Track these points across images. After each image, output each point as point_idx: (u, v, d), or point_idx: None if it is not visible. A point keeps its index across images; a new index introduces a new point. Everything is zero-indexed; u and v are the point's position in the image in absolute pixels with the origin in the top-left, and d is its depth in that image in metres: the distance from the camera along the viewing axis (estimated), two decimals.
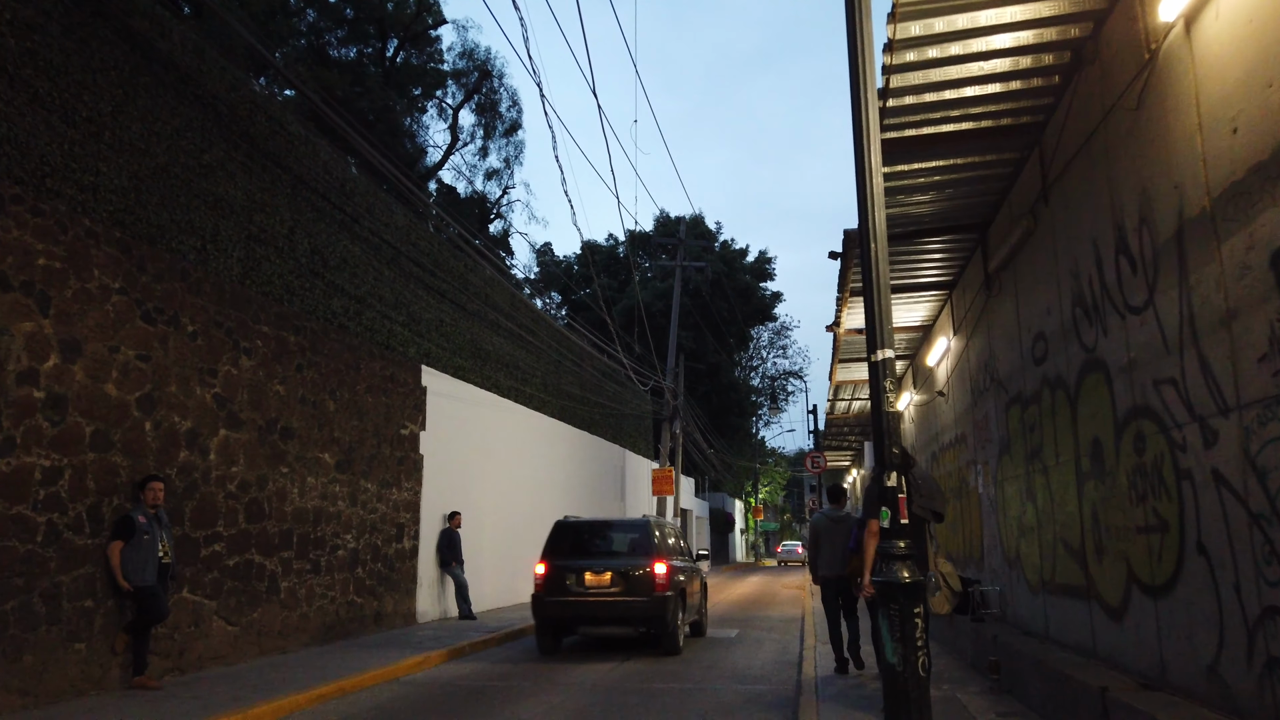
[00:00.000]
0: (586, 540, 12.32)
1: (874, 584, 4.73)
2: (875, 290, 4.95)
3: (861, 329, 13.05)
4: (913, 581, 4.59)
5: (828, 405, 19.89)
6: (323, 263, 12.22)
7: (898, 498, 4.87)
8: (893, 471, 4.83)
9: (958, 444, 11.18)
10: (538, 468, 19.93)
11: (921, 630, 4.47)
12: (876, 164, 5.20)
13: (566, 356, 22.30)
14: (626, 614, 11.22)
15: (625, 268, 50.26)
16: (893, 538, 4.78)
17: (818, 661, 9.97)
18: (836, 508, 9.26)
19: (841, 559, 8.43)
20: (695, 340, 44.52)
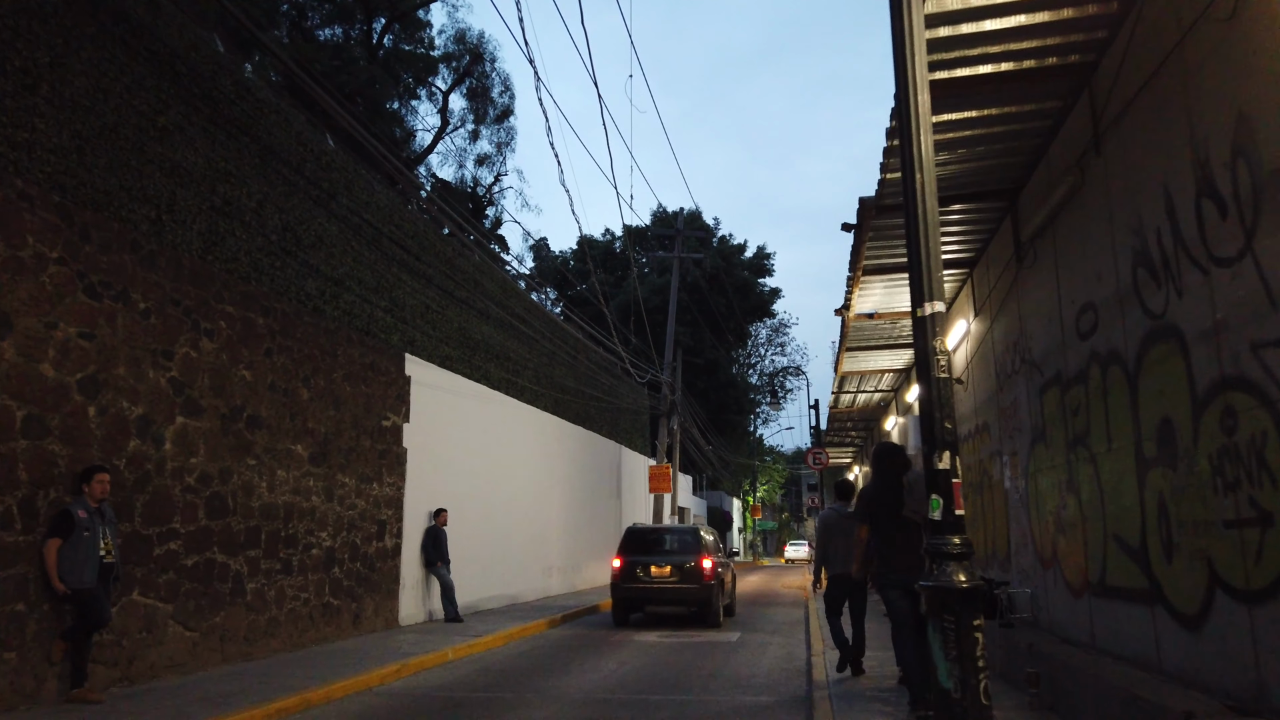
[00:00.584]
0: (650, 541, 15.33)
1: (925, 589, 3.88)
2: (922, 228, 4.07)
3: (874, 313, 12.21)
4: (971, 587, 3.73)
5: (831, 398, 19.03)
6: (295, 241, 11.34)
7: (951, 484, 4.01)
8: (945, 450, 3.96)
9: (978, 435, 10.33)
10: (530, 464, 19.07)
11: (982, 647, 3.61)
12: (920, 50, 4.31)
13: (561, 348, 21.44)
14: (682, 597, 14.57)
15: (622, 263, 49.43)
16: (946, 533, 3.93)
17: (828, 670, 9.11)
18: (844, 504, 8.93)
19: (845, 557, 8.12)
20: (693, 336, 43.67)
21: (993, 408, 9.48)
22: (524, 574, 18.39)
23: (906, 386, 16.25)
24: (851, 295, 10.93)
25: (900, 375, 16.65)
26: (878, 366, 15.90)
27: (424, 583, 14.29)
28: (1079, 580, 6.81)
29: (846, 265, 10.19)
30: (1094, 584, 6.48)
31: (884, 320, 12.51)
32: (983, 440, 10.07)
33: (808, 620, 15.70)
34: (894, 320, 12.42)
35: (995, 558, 9.58)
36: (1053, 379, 7.28)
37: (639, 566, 14.57)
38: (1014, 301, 8.43)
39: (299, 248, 11.39)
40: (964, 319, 10.65)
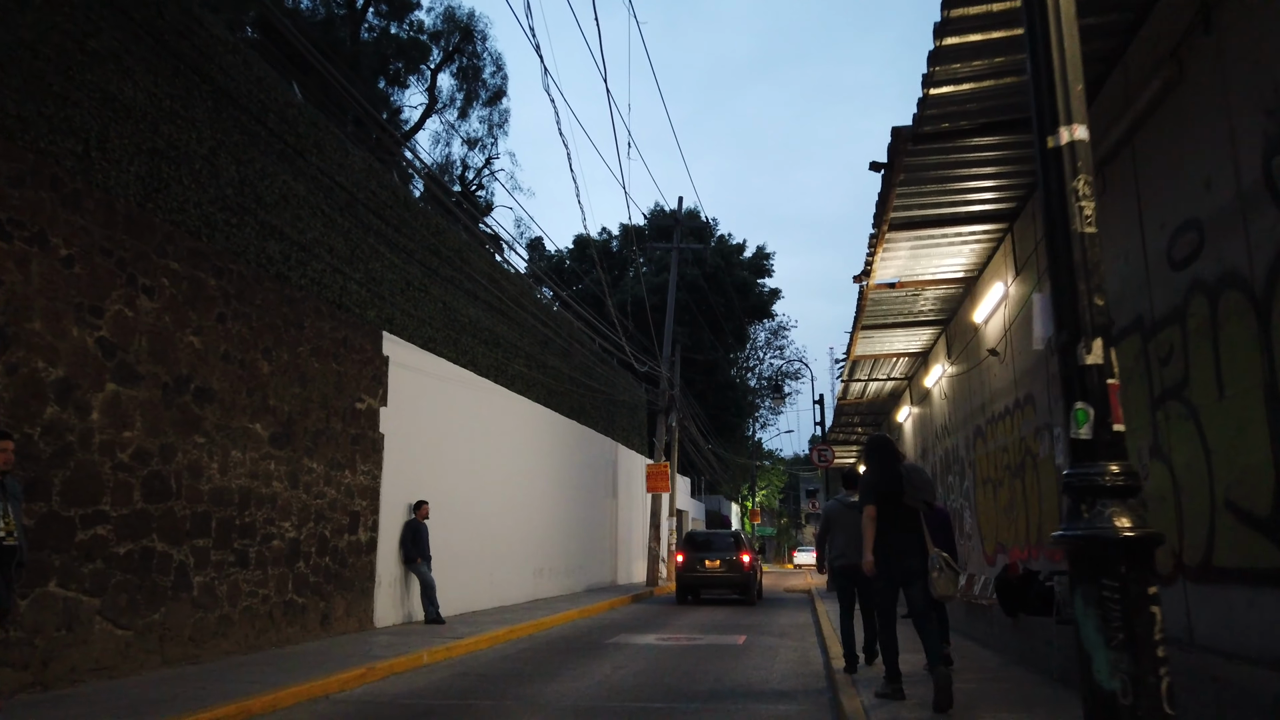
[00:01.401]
0: (704, 541, 19.72)
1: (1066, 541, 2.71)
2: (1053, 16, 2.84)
3: (896, 282, 11.04)
4: (1143, 535, 2.55)
5: (840, 388, 17.84)
6: (255, 198, 10.15)
7: (1106, 386, 2.84)
8: (1096, 338, 2.80)
9: (1017, 410, 9.14)
10: (520, 457, 17.84)
11: (1160, 628, 2.40)
12: None
13: (555, 335, 20.24)
14: (729, 583, 19.11)
15: (620, 262, 48.32)
16: (1100, 457, 2.80)
17: (853, 677, 7.90)
18: (850, 494, 8.38)
19: (857, 547, 7.39)
20: (691, 337, 42.50)
21: (1039, 376, 8.30)
22: (513, 575, 17.16)
23: (923, 371, 15.07)
24: (874, 258, 9.75)
25: (915, 360, 15.47)
26: (893, 349, 14.72)
27: (402, 581, 13.05)
28: (1166, 564, 5.62)
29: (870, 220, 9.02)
30: (1192, 567, 5.29)
31: (906, 291, 11.33)
32: (1023, 416, 8.89)
33: (818, 622, 14.48)
34: (918, 290, 11.24)
35: (1043, 546, 8.39)
36: (1131, 325, 6.11)
37: (697, 561, 19.02)
38: None
39: (259, 206, 10.20)
40: (1000, 282, 9.47)
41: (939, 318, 12.63)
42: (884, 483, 6.43)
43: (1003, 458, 9.87)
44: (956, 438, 12.64)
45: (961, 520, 12.51)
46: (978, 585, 11.23)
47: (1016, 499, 9.32)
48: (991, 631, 9.37)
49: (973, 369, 11.29)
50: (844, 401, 18.87)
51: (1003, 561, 10.11)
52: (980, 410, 10.99)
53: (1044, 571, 8.12)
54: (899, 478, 6.43)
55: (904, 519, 6.38)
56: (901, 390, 17.76)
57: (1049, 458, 8.06)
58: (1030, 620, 7.87)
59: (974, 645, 9.96)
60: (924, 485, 6.46)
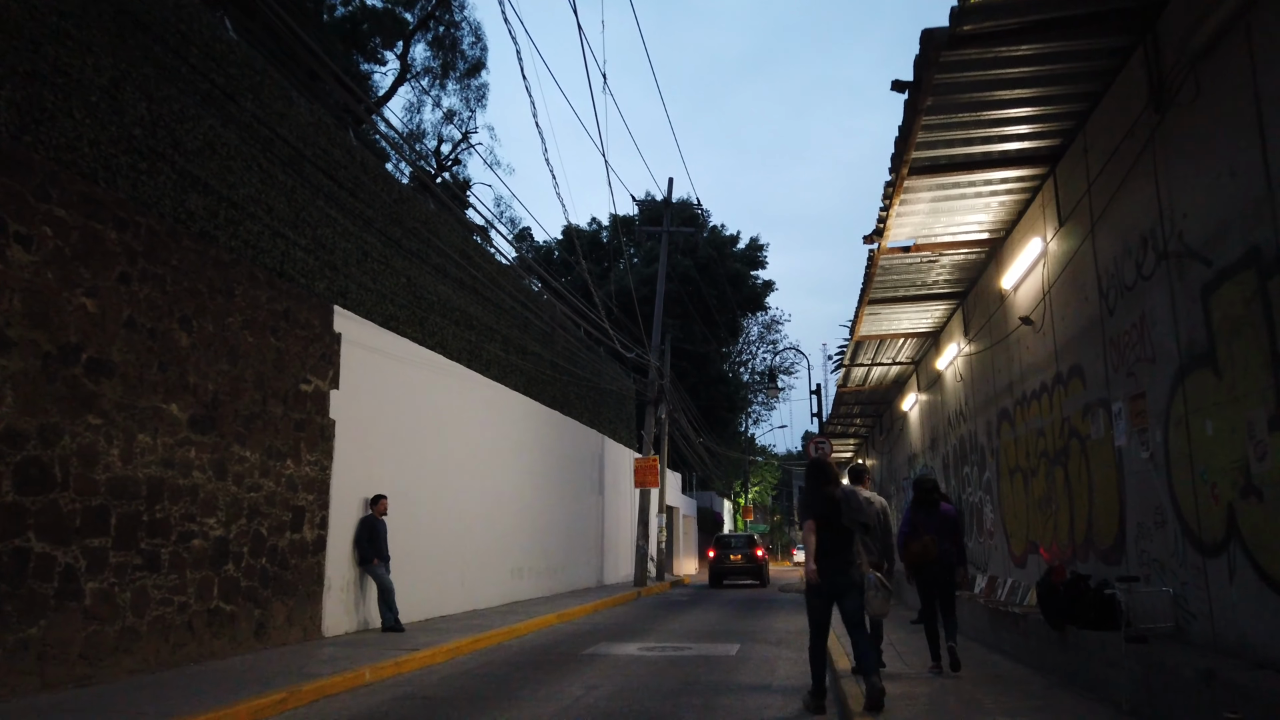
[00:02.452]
0: (729, 541, 27.55)
1: None
2: None
3: (911, 245, 9.65)
4: None
5: (840, 375, 16.47)
6: (172, 143, 8.71)
7: None
8: None
9: (1058, 387, 7.76)
10: (496, 449, 16.41)
11: None
12: None
13: (537, 318, 18.80)
14: (748, 571, 26.12)
15: (609, 253, 46.91)
16: None
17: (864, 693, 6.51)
18: (861, 489, 7.67)
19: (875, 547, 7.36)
20: (683, 330, 41.13)
21: (1092, 342, 6.91)
22: (487, 576, 15.73)
23: (934, 354, 13.69)
24: (889, 212, 8.36)
25: (924, 342, 14.09)
26: (900, 329, 13.34)
27: (357, 584, 11.62)
28: None
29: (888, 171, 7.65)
30: None
31: (921, 257, 9.95)
32: (1070, 391, 7.50)
33: None
34: (935, 255, 9.85)
35: (1093, 546, 7.01)
36: (1235, 265, 4.72)
37: (725, 555, 26.32)
38: (1145, 175, 5.87)
39: (177, 153, 8.76)
40: (1036, 238, 8.09)
41: (955, 289, 11.24)
42: (819, 504, 6.58)
43: (1037, 443, 8.49)
44: (974, 424, 11.26)
45: (980, 516, 11.13)
46: (1002, 589, 9.85)
47: (1056, 491, 7.94)
48: (1027, 645, 7.99)
49: (997, 344, 9.91)
50: (844, 389, 17.48)
51: (1035, 563, 8.73)
52: (1006, 391, 9.60)
53: (1095, 577, 6.73)
54: (834, 501, 6.57)
55: (838, 539, 6.54)
56: (907, 376, 16.38)
57: (1105, 439, 6.68)
58: (1083, 635, 6.49)
59: (1005, 660, 8.57)
60: (857, 509, 6.62)
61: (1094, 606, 6.40)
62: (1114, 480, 6.52)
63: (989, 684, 7.10)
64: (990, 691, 6.67)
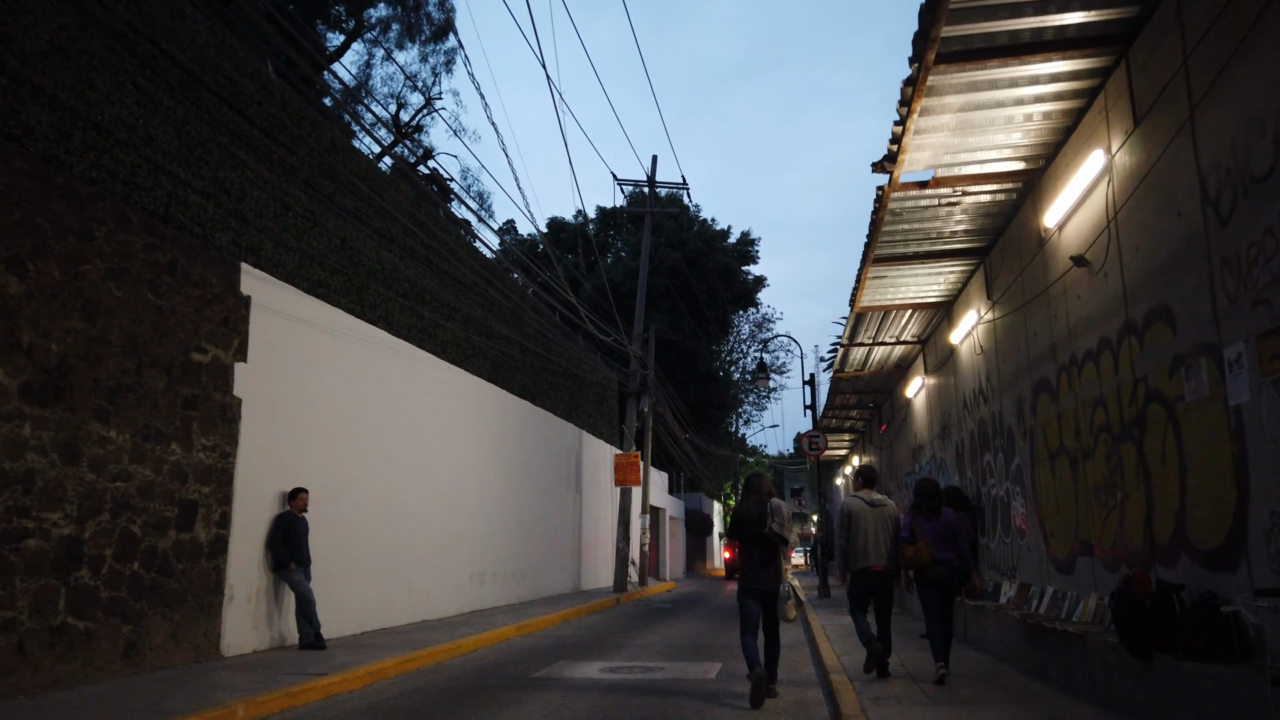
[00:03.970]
0: None
1: None
2: None
3: (930, 179, 7.85)
4: None
5: (836, 357, 14.63)
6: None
7: None
8: None
9: (1133, 336, 5.92)
10: (454, 440, 14.54)
11: None
12: None
13: (502, 295, 16.93)
14: None
15: (598, 246, 45.11)
16: None
17: None
18: (871, 492, 7.95)
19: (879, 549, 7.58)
20: (672, 325, 39.30)
21: (1188, 269, 5.09)
22: (441, 583, 13.85)
23: (945, 328, 11.87)
24: (906, 125, 6.53)
25: (934, 315, 12.27)
26: (907, 298, 11.51)
27: (269, 593, 9.74)
28: None
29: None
30: None
31: (940, 196, 8.13)
32: (1149, 342, 5.67)
33: (813, 642, 11.26)
34: (958, 192, 8.03)
35: (1186, 546, 5.17)
36: None
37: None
38: (1268, 46, 4.06)
39: (7, 50, 6.90)
40: (1097, 150, 6.26)
41: (977, 243, 9.42)
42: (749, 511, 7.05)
43: (1093, 416, 6.66)
44: (1000, 403, 9.43)
45: (1007, 512, 9.30)
46: (1038, 600, 8.02)
47: (1124, 474, 6.10)
48: (1087, 674, 6.15)
49: (1032, 302, 8.08)
50: (841, 374, 15.64)
51: (1087, 568, 6.89)
52: (1046, 356, 7.77)
53: (1193, 589, 4.90)
54: (759, 513, 6.97)
55: (764, 548, 6.99)
56: (912, 358, 14.56)
57: (1211, 398, 4.84)
58: (1185, 669, 4.65)
59: (1052, 690, 6.73)
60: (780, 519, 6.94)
61: (1201, 629, 4.56)
62: (1226, 455, 4.68)
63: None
64: None
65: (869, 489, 7.97)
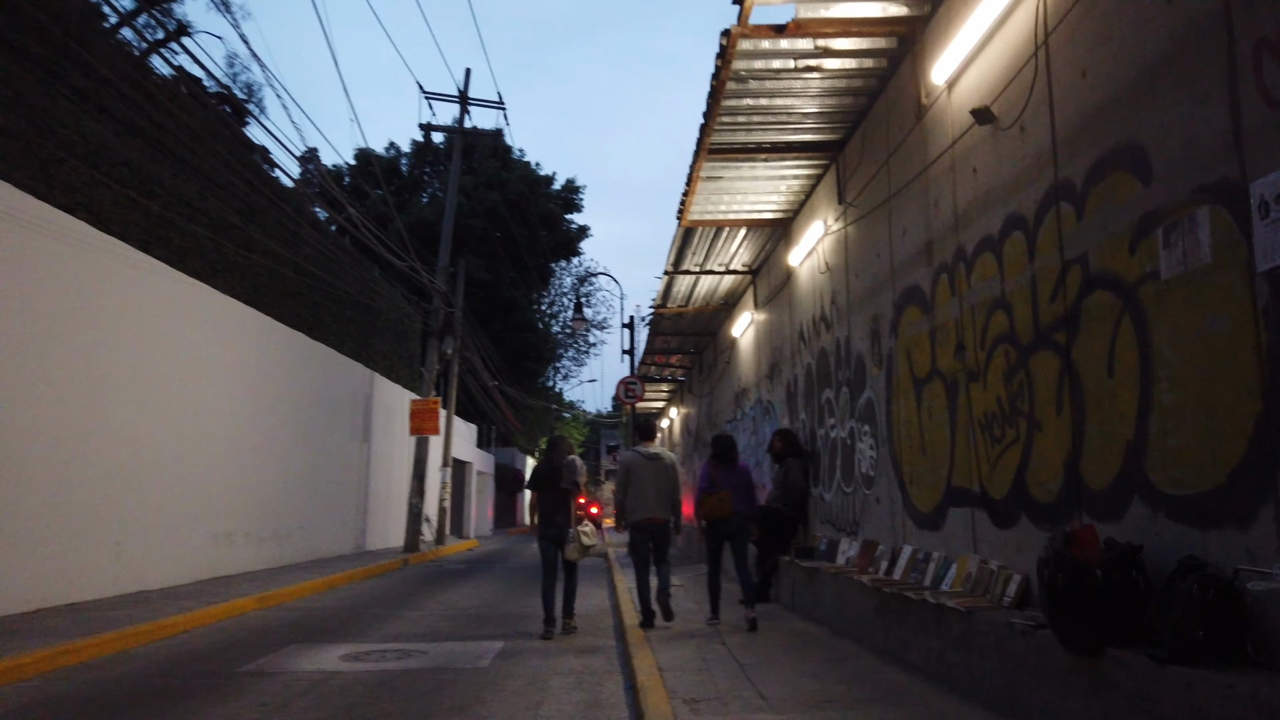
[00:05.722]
0: None
1: None
2: None
3: (785, 25, 5.97)
4: None
5: (661, 288, 12.79)
6: None
7: None
8: None
9: (1069, 203, 4.25)
10: (191, 372, 11.65)
11: None
12: None
13: (273, 205, 13.99)
14: None
15: (410, 185, 41.64)
16: None
17: None
18: (649, 445, 8.03)
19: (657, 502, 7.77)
20: (489, 270, 36.68)
21: (1178, 87, 3.40)
22: (168, 544, 11.04)
23: (784, 249, 10.23)
24: None
25: (772, 236, 10.61)
26: (743, 213, 9.75)
27: None
28: None
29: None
30: None
31: (800, 54, 6.27)
32: (1098, 204, 4.00)
33: (618, 608, 9.47)
34: (821, 48, 6.19)
35: (1145, 489, 3.55)
36: None
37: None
38: None
39: None
40: None
41: (832, 134, 7.70)
42: (547, 466, 7.90)
43: (988, 324, 5.01)
44: (848, 327, 7.82)
45: (850, 456, 7.73)
46: (889, 561, 6.46)
47: (1034, 396, 4.48)
48: (979, 666, 4.54)
49: (903, 192, 6.41)
50: (663, 310, 13.84)
51: (961, 523, 5.31)
52: (920, 258, 6.11)
53: (1156, 551, 3.28)
54: (556, 468, 7.80)
55: (558, 499, 7.79)
56: (742, 292, 12.94)
57: (1216, 265, 3.17)
58: (1171, 676, 3.00)
59: (925, 684, 5.12)
60: (573, 473, 7.74)
61: (1200, 615, 2.90)
62: (1244, 348, 3.03)
63: None
64: None
65: (647, 442, 8.06)
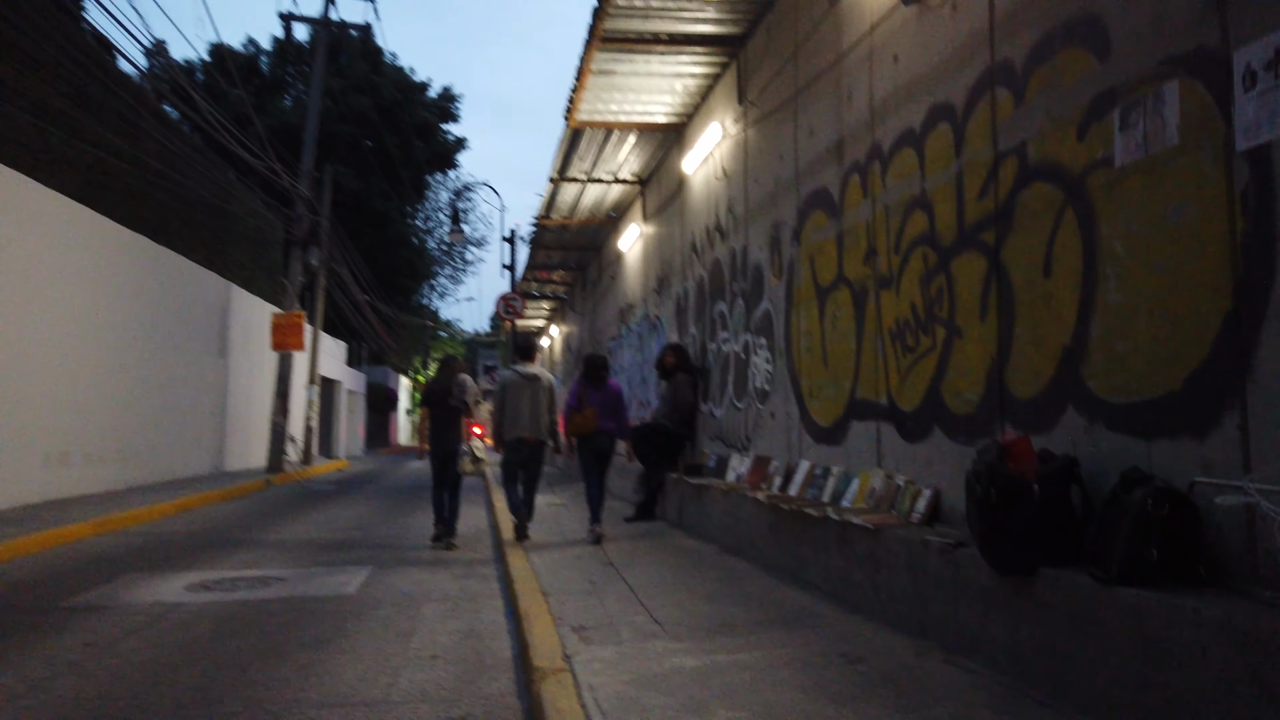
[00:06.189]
0: None
1: None
2: None
3: None
4: None
5: (545, 197, 12.07)
6: None
7: None
8: None
9: (1008, 85, 3.88)
10: (10, 277, 10.28)
11: None
12: None
13: (111, 93, 12.39)
14: None
15: (271, 85, 38.66)
16: None
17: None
18: (527, 364, 7.93)
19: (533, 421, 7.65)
20: (360, 179, 34.66)
21: None
22: None
23: (676, 155, 9.70)
24: None
25: (664, 141, 10.05)
26: (634, 115, 9.13)
27: None
28: None
29: None
30: None
31: None
32: (1042, 86, 3.62)
33: (495, 528, 9.03)
34: None
35: (1082, 397, 3.28)
36: None
37: None
38: None
39: None
40: None
41: (735, 26, 7.14)
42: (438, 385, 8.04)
43: (904, 225, 4.66)
44: (745, 236, 7.41)
45: (744, 371, 7.40)
46: (783, 478, 6.20)
47: (955, 301, 4.17)
48: (887, 585, 4.29)
49: (813, 86, 5.96)
50: (547, 222, 13.14)
51: (867, 436, 5.04)
52: (829, 157, 5.69)
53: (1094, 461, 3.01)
54: (447, 386, 7.94)
55: (449, 416, 7.95)
56: (629, 203, 12.37)
57: (1183, 147, 2.83)
58: (1120, 598, 2.74)
59: (828, 605, 4.88)
60: (462, 392, 7.91)
61: (1153, 532, 2.64)
62: (1213, 239, 2.73)
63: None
64: None
65: (526, 362, 7.97)
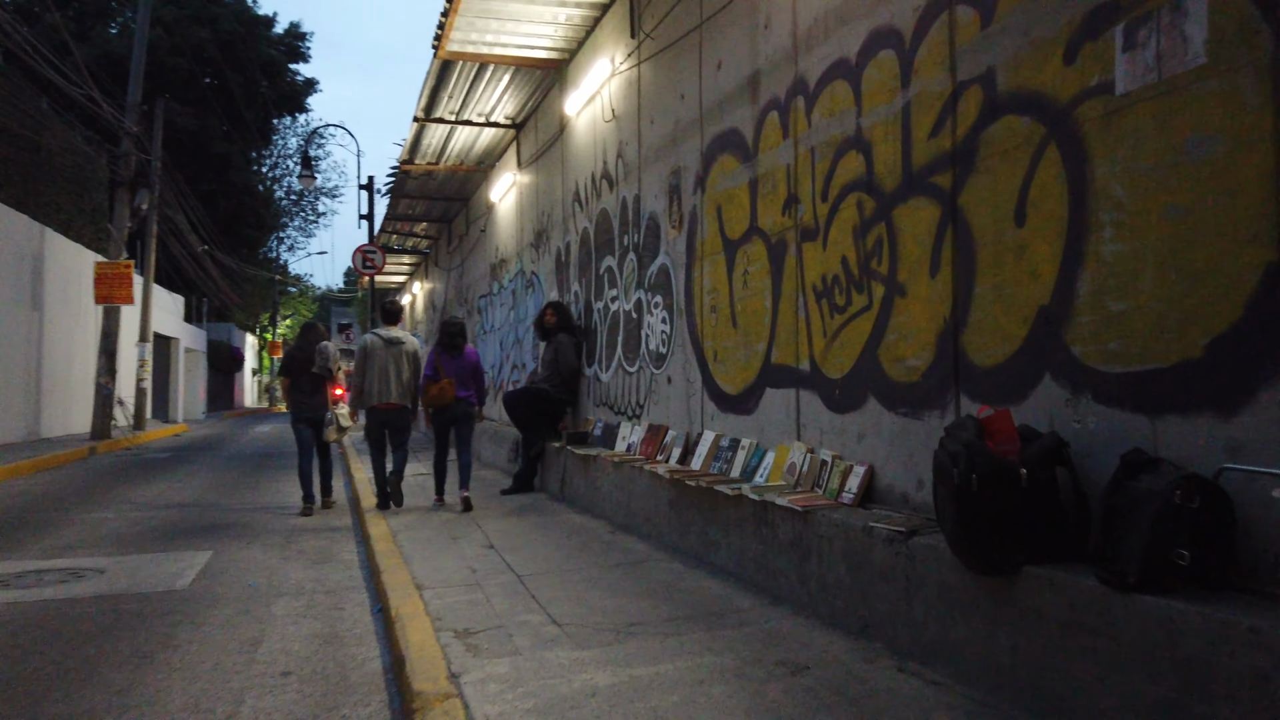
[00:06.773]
0: None
1: None
2: None
3: None
4: None
5: (409, 138, 11.02)
6: None
7: None
8: None
9: (974, 6, 3.39)
10: None
11: None
12: None
13: None
14: None
15: (95, 11, 34.81)
16: None
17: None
18: (391, 328, 7.73)
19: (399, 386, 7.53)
20: (198, 119, 31.77)
21: None
22: None
23: (558, 94, 8.93)
24: None
25: (543, 81, 9.25)
26: (511, 48, 8.30)
27: None
28: None
29: None
30: None
31: None
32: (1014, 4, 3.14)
33: (355, 502, 8.21)
34: None
35: (1064, 366, 2.86)
36: None
37: None
38: None
39: None
40: None
41: None
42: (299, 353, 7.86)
43: (833, 169, 4.16)
44: (638, 184, 6.78)
45: (636, 332, 6.83)
46: (682, 448, 5.69)
47: (897, 254, 3.70)
48: (817, 577, 3.84)
49: (724, 13, 5.36)
50: (410, 167, 12.07)
51: (784, 405, 4.57)
52: (741, 95, 5.12)
53: (1083, 439, 2.59)
54: (309, 354, 7.79)
55: (312, 382, 7.82)
56: (502, 149, 11.49)
57: (1212, 67, 2.40)
58: (1140, 606, 2.33)
59: (749, 596, 4.40)
60: (325, 359, 7.76)
61: (1183, 530, 2.23)
62: (1250, 179, 2.31)
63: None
64: None
65: (390, 325, 7.79)
